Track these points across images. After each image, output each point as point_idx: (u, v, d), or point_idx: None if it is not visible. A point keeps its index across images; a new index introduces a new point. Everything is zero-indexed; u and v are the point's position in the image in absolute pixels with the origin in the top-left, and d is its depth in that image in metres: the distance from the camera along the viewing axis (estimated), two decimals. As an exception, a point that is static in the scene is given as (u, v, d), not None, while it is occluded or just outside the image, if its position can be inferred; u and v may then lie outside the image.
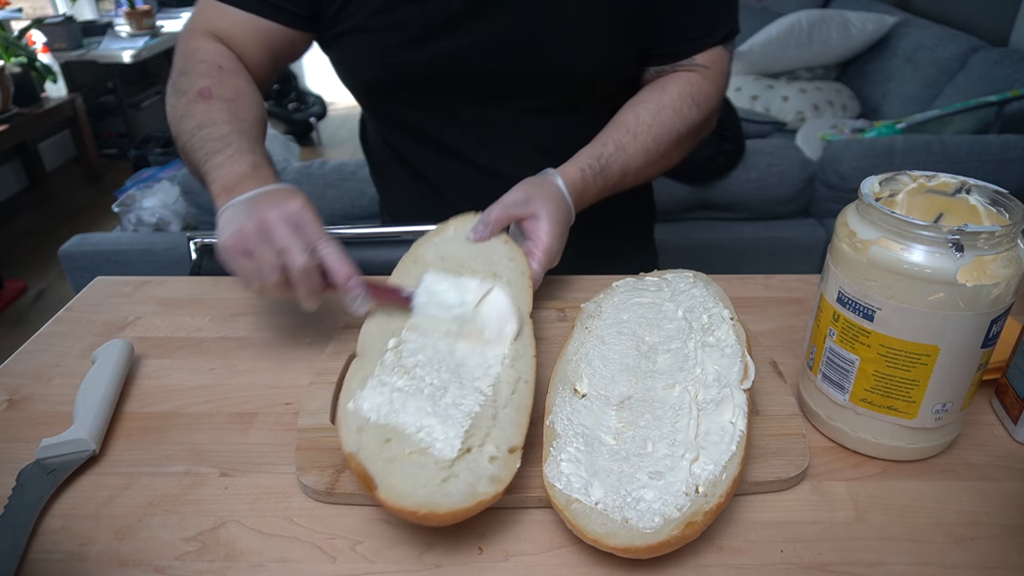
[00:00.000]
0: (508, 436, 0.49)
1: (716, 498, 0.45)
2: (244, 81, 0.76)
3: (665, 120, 0.80)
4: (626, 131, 0.80)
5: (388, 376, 0.54)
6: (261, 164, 0.66)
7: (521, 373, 0.55)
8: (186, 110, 0.71)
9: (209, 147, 0.67)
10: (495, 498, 0.46)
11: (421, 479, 0.46)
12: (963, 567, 0.46)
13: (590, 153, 0.78)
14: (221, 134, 0.68)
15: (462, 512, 0.45)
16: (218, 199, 0.63)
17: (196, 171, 0.70)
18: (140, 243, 1.72)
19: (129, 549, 0.47)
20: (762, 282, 0.79)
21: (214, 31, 0.79)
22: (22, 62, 3.10)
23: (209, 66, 0.75)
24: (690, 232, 1.80)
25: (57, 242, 1.75)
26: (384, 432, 0.49)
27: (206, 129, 0.68)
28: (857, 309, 0.50)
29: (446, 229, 0.71)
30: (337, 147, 4.08)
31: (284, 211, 0.59)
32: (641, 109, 0.81)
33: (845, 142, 1.80)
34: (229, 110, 0.71)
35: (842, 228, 0.52)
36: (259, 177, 0.64)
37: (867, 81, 2.73)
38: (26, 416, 0.60)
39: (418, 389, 0.53)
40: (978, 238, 0.45)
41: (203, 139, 0.68)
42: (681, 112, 0.81)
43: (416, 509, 0.44)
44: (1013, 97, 1.93)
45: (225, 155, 0.65)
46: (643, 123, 0.80)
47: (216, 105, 0.71)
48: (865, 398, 0.52)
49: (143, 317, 0.74)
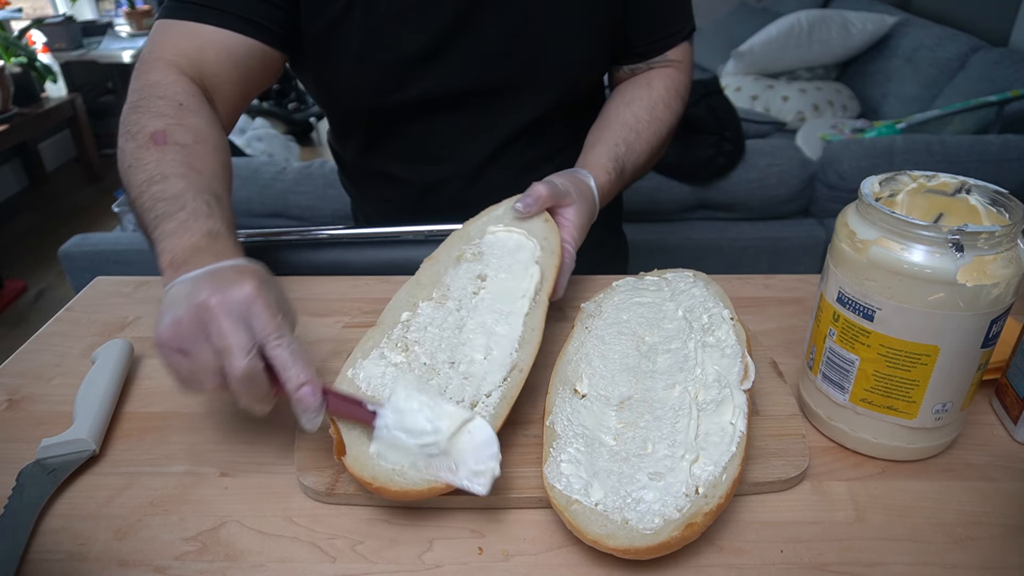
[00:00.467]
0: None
1: (716, 499, 0.45)
2: (206, 121, 0.67)
3: (660, 115, 0.85)
4: (630, 130, 0.82)
5: (390, 350, 0.56)
6: (218, 233, 0.55)
7: (519, 361, 0.55)
8: (135, 158, 0.61)
9: (159, 209, 0.57)
10: (448, 487, 0.47)
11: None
12: (963, 567, 0.46)
13: (607, 155, 0.80)
14: (174, 193, 0.57)
15: (413, 493, 0.47)
16: (164, 275, 0.53)
17: (146, 233, 0.59)
18: (140, 243, 1.72)
19: (129, 549, 0.47)
20: (762, 282, 0.79)
21: (181, 56, 0.69)
22: (22, 62, 3.10)
23: (167, 103, 0.65)
24: (690, 232, 1.80)
25: (57, 242, 1.75)
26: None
27: (157, 186, 0.58)
28: (857, 309, 0.50)
29: (495, 210, 0.71)
30: (337, 147, 4.07)
31: (229, 299, 0.48)
32: (637, 107, 0.84)
33: (845, 142, 1.80)
34: (185, 160, 0.61)
35: (842, 228, 0.52)
36: (213, 251, 0.53)
37: (867, 81, 2.73)
38: (26, 416, 0.60)
39: (411, 367, 0.55)
40: (978, 238, 0.45)
41: (153, 197, 0.58)
42: (671, 106, 0.86)
43: (371, 481, 0.47)
44: (1013, 97, 1.93)
45: (176, 221, 0.55)
46: (642, 120, 0.83)
47: (170, 154, 0.61)
48: (865, 398, 0.52)
49: (143, 317, 0.74)
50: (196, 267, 0.52)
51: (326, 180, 1.72)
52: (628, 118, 0.83)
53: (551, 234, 0.66)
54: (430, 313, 0.60)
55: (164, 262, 0.53)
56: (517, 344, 0.56)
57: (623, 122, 0.83)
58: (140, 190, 0.59)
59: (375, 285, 0.79)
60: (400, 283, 0.79)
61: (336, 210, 1.72)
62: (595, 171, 0.78)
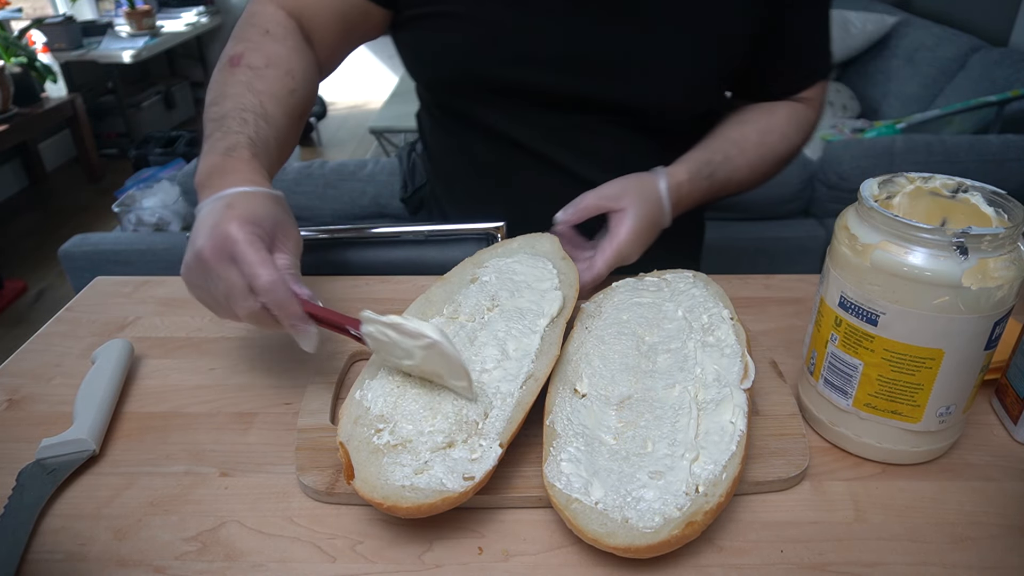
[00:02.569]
0: (498, 432, 0.50)
1: (716, 498, 0.45)
2: (289, 48, 0.69)
3: (772, 141, 0.82)
4: (733, 144, 0.80)
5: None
6: (237, 146, 0.59)
7: (536, 371, 0.54)
8: (213, 81, 0.66)
9: (208, 128, 0.61)
10: (462, 496, 0.46)
11: (396, 473, 0.47)
12: (963, 567, 0.46)
13: (699, 159, 0.77)
14: (222, 112, 0.62)
15: (426, 507, 0.45)
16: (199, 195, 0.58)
17: None
18: (140, 243, 1.72)
19: (129, 549, 0.47)
20: (762, 282, 0.79)
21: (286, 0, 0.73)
22: (22, 62, 3.10)
23: (256, 31, 0.69)
24: (690, 232, 1.80)
25: (57, 242, 1.75)
26: (376, 422, 0.51)
27: (214, 107, 0.63)
28: (860, 314, 0.50)
29: (510, 244, 0.71)
30: (337, 147, 4.07)
31: (216, 242, 0.52)
32: (749, 128, 0.81)
33: (845, 142, 1.80)
34: (247, 81, 0.65)
35: (842, 232, 0.51)
36: (227, 169, 0.57)
37: (867, 81, 2.73)
38: (26, 416, 0.60)
39: (421, 380, 0.54)
40: (982, 240, 0.45)
41: (207, 118, 0.62)
42: (787, 137, 0.83)
43: (382, 501, 0.45)
44: (1013, 97, 1.93)
45: (212, 140, 0.60)
46: (750, 140, 0.81)
47: (238, 75, 0.65)
48: (869, 403, 0.52)
49: (143, 317, 0.74)
50: (210, 191, 0.56)
51: (326, 180, 1.72)
52: (735, 135, 0.80)
53: (569, 270, 0.65)
54: (441, 326, 0.59)
55: (196, 182, 0.58)
56: (534, 356, 0.56)
57: (727, 136, 0.80)
58: (206, 109, 0.64)
59: (375, 285, 0.79)
60: (400, 283, 0.79)
61: (336, 210, 1.72)
62: (674, 171, 0.75)
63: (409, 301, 0.64)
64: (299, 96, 0.69)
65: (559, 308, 0.60)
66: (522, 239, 0.71)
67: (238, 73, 0.65)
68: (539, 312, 0.60)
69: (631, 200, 0.70)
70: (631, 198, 0.70)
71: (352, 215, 1.72)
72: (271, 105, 0.64)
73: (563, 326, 0.59)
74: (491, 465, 0.47)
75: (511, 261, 0.67)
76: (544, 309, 0.60)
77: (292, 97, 0.67)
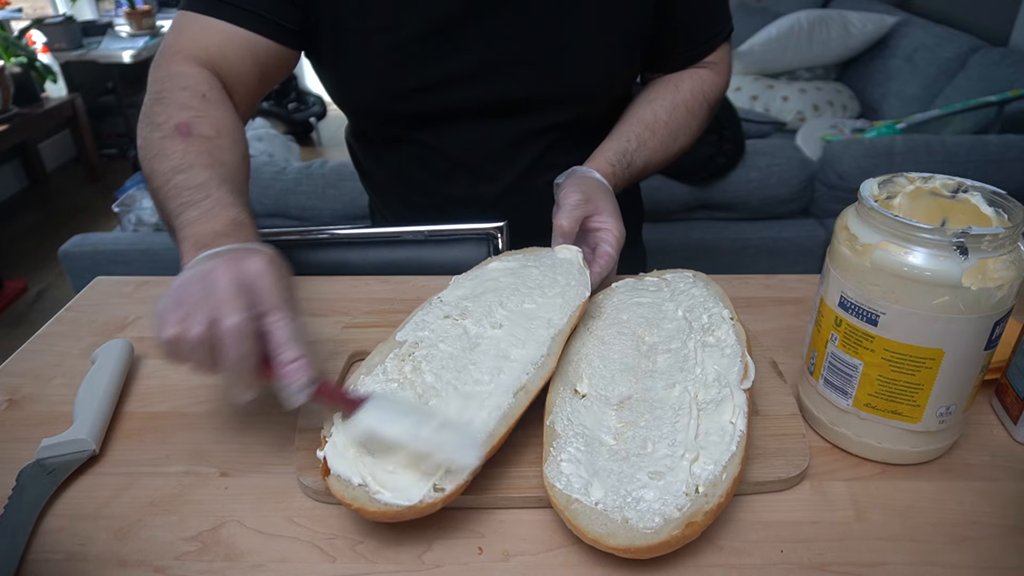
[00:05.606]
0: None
1: (716, 498, 0.45)
2: (228, 115, 0.69)
3: (680, 117, 0.85)
4: (645, 127, 0.83)
5: (395, 366, 0.55)
6: (242, 222, 0.57)
7: (528, 383, 0.53)
8: (160, 148, 0.63)
9: (184, 197, 0.58)
10: (431, 507, 0.45)
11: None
12: (963, 567, 0.46)
13: (614, 148, 0.81)
14: (198, 182, 0.59)
15: (390, 514, 0.45)
16: (186, 257, 0.53)
17: (167, 221, 0.60)
18: (140, 243, 1.72)
19: (129, 549, 0.47)
20: (762, 282, 0.79)
21: (201, 50, 0.72)
22: (22, 62, 3.10)
23: (191, 95, 0.68)
24: (690, 232, 1.80)
25: (57, 242, 1.75)
26: None
27: (182, 175, 0.60)
28: (860, 314, 0.50)
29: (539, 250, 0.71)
30: (337, 147, 4.07)
31: (238, 268, 0.48)
32: (657, 106, 0.85)
33: (845, 142, 1.80)
34: (209, 152, 0.63)
35: (842, 232, 0.51)
36: (237, 237, 0.54)
37: (867, 81, 2.73)
38: (26, 416, 0.60)
39: (411, 386, 0.53)
40: (981, 240, 0.45)
41: (177, 186, 0.59)
42: (694, 110, 0.86)
43: (351, 502, 0.46)
44: (1013, 97, 1.93)
45: (201, 209, 0.57)
46: (660, 120, 0.84)
47: (195, 145, 0.63)
48: (869, 403, 0.52)
49: (143, 317, 0.74)
50: (219, 248, 0.52)
51: (326, 180, 1.72)
52: (646, 116, 0.84)
53: (583, 275, 0.65)
54: (445, 330, 0.58)
55: (187, 246, 0.54)
56: (532, 367, 0.54)
57: (639, 119, 0.84)
58: (165, 179, 0.61)
59: (375, 285, 0.79)
60: (400, 283, 0.79)
61: (336, 210, 1.72)
62: (599, 165, 0.79)
63: (409, 301, 0.64)
64: (248, 163, 0.70)
65: (567, 321, 0.59)
66: (528, 250, 0.71)
67: (193, 143, 0.64)
68: (549, 320, 0.59)
69: (598, 198, 0.72)
70: (597, 196, 0.72)
71: (352, 215, 1.72)
72: (239, 178, 0.65)
73: (563, 341, 0.57)
74: (463, 480, 0.46)
75: (530, 266, 0.67)
76: (553, 319, 0.59)
77: (245, 164, 0.69)
